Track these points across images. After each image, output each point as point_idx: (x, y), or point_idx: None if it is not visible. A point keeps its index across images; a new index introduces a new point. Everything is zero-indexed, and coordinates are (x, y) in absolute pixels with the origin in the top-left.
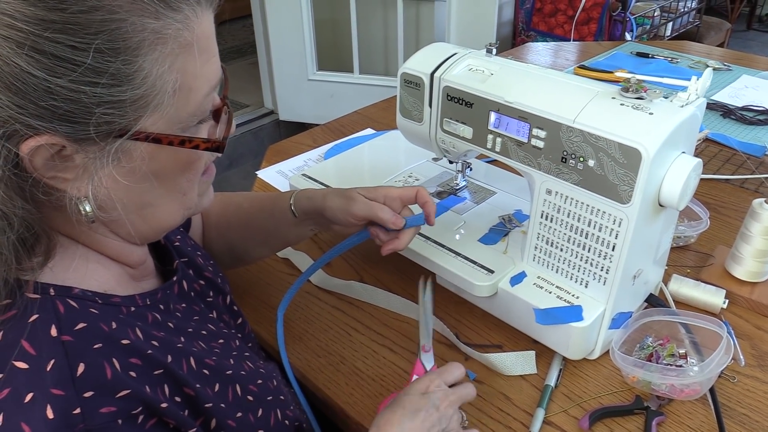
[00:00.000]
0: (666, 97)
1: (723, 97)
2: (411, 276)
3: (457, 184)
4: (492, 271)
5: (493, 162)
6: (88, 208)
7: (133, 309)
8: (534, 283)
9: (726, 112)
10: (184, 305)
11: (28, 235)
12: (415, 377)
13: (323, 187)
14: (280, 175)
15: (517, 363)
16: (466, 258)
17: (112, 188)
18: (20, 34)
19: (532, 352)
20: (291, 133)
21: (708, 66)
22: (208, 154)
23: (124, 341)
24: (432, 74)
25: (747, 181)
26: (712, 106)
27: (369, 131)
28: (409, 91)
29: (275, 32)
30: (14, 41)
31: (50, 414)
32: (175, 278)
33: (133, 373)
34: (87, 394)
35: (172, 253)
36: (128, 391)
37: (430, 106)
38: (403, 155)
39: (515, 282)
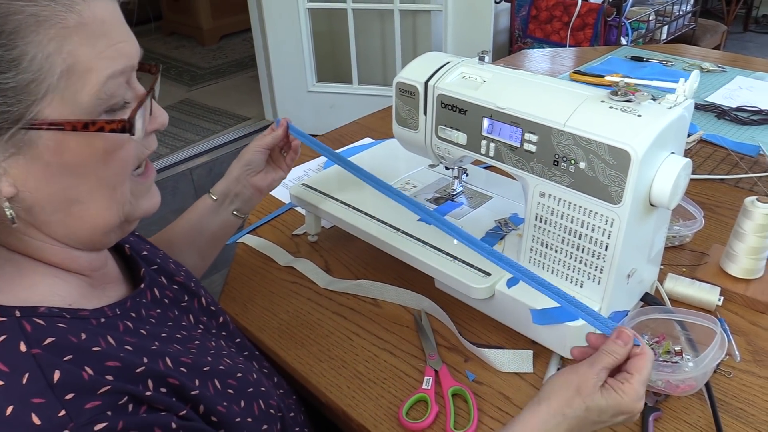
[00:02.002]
0: (654, 100)
1: (717, 98)
2: (410, 281)
3: (454, 190)
4: (489, 274)
5: (490, 168)
6: (7, 209)
7: (103, 320)
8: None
9: (720, 113)
10: (159, 311)
11: None
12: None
13: (322, 195)
14: (281, 185)
15: (513, 360)
16: (464, 261)
17: (30, 185)
18: None
19: (530, 352)
20: None
21: (702, 68)
22: (134, 144)
23: (95, 348)
24: (426, 83)
25: (741, 181)
26: (707, 108)
27: (368, 140)
28: (404, 100)
29: (274, 45)
30: None
31: (36, 421)
32: (143, 285)
33: (110, 376)
34: (68, 397)
35: (138, 261)
36: (109, 386)
37: (425, 113)
38: (401, 163)
39: (512, 284)
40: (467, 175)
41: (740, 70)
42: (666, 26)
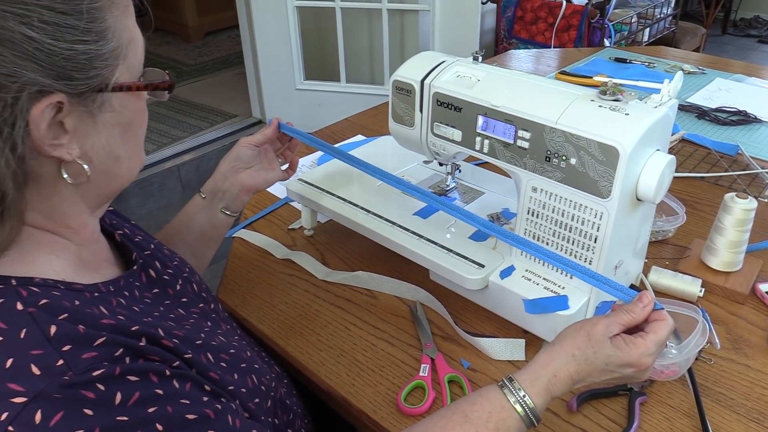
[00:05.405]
0: (641, 99)
1: (698, 99)
2: (405, 274)
3: (448, 186)
4: (483, 266)
5: (485, 164)
6: (86, 167)
7: (96, 294)
8: (522, 276)
9: (701, 113)
10: (155, 291)
11: None
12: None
13: (319, 191)
14: None
15: (506, 349)
16: (458, 254)
17: (91, 144)
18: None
19: (522, 340)
20: None
21: (683, 70)
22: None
23: (88, 311)
24: (422, 81)
25: (721, 179)
26: (688, 108)
27: (360, 137)
28: (400, 98)
29: (262, 43)
30: (20, 15)
31: (36, 371)
32: (135, 267)
33: (104, 332)
34: (65, 348)
35: (130, 246)
36: (104, 338)
37: (421, 111)
38: (394, 159)
39: (505, 275)
40: (460, 171)
41: (719, 72)
42: (648, 28)
